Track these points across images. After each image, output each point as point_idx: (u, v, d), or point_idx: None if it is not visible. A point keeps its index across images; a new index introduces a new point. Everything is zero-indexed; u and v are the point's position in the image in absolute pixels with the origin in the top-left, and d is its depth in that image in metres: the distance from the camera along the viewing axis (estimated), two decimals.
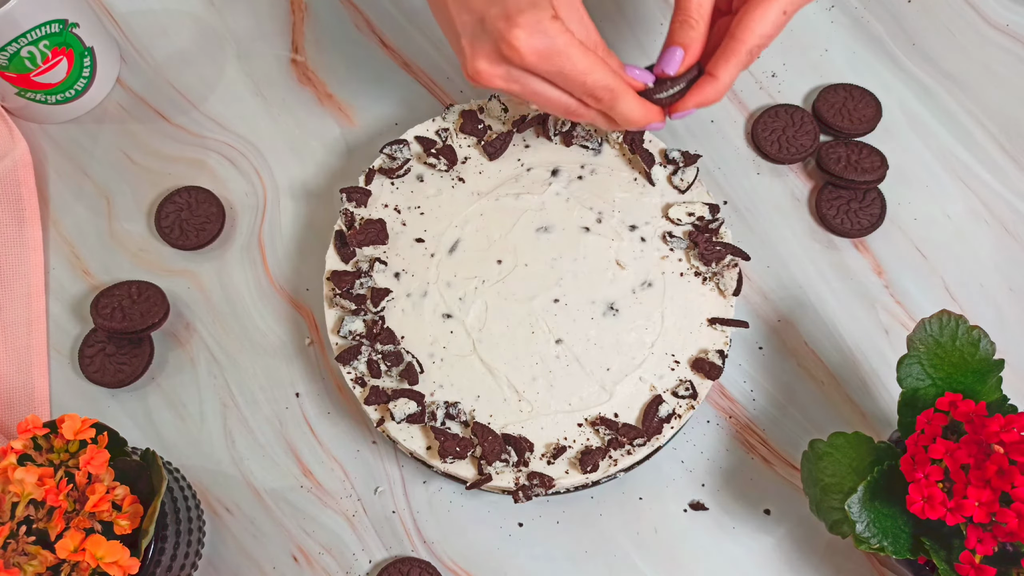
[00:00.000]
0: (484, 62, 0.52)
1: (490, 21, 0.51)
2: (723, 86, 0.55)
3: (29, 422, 0.50)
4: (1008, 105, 0.71)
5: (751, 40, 0.53)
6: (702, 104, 0.55)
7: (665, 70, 0.54)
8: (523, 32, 0.50)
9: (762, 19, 0.53)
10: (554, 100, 0.54)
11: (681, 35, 0.54)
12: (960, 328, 0.53)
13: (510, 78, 0.53)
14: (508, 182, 0.65)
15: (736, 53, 0.54)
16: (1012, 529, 0.46)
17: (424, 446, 0.58)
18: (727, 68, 0.54)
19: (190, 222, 0.68)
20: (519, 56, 0.51)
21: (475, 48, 0.52)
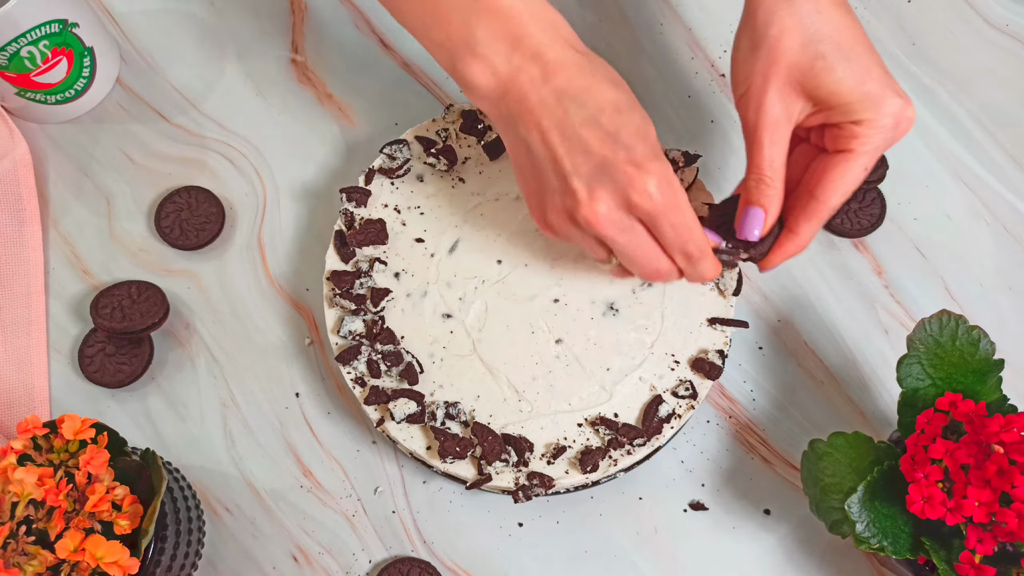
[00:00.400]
0: (605, 206, 0.50)
1: (618, 165, 0.49)
2: (805, 241, 0.54)
3: (29, 422, 0.50)
4: (1008, 105, 0.71)
5: (833, 200, 0.53)
6: (785, 259, 0.55)
7: (747, 236, 0.53)
8: (654, 180, 0.49)
9: (843, 177, 0.52)
10: (648, 256, 0.52)
11: (758, 195, 0.53)
12: (960, 328, 0.53)
13: (624, 226, 0.51)
14: (508, 182, 0.65)
15: (818, 213, 0.53)
16: (1012, 529, 0.46)
17: (424, 446, 0.58)
18: (809, 226, 0.54)
19: (190, 222, 0.68)
20: (650, 202, 0.49)
21: (594, 191, 0.50)
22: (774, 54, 0.52)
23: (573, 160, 0.50)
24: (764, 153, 0.53)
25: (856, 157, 0.52)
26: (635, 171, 0.49)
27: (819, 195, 0.53)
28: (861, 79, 0.52)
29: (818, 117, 0.53)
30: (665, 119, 0.71)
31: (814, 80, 0.52)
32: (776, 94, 0.52)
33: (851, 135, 0.52)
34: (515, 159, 0.54)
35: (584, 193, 0.50)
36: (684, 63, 0.73)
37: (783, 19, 0.52)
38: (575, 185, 0.50)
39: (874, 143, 0.52)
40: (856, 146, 0.52)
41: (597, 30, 0.74)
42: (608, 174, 0.50)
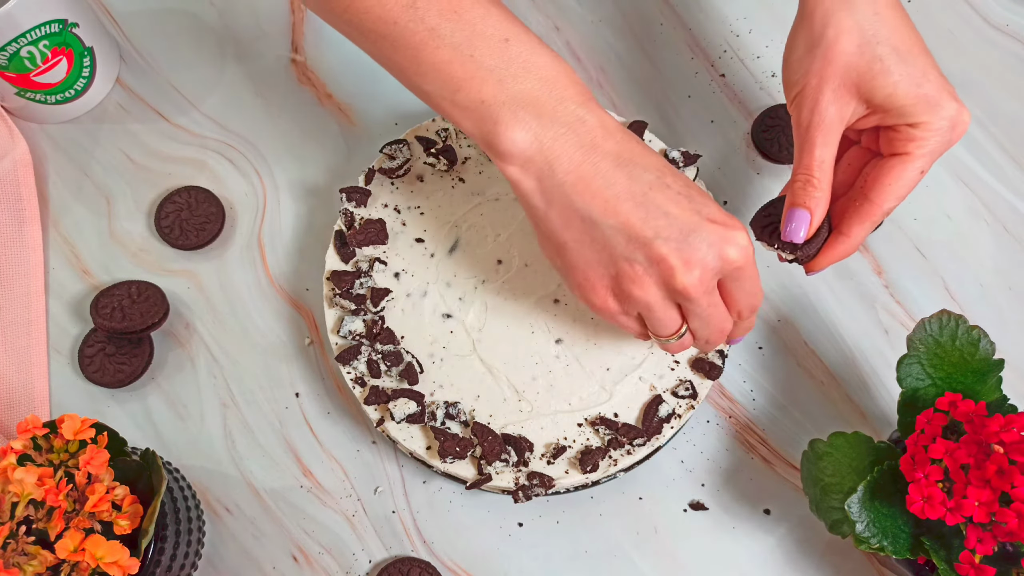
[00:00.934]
0: (700, 270, 0.48)
1: (705, 226, 0.48)
2: (856, 243, 0.54)
3: (29, 422, 0.50)
4: (1009, 105, 0.71)
5: (887, 203, 0.52)
6: (837, 260, 0.55)
7: (792, 237, 0.53)
8: (743, 234, 0.49)
9: (899, 180, 0.52)
10: (723, 317, 0.51)
11: (805, 197, 0.52)
12: (960, 328, 0.53)
13: (709, 289, 0.49)
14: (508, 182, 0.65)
15: (871, 215, 0.53)
16: (1012, 529, 0.46)
17: (424, 446, 0.58)
18: (861, 228, 0.53)
19: (190, 222, 0.68)
20: (744, 255, 0.49)
21: (687, 256, 0.48)
22: (831, 55, 0.52)
23: (654, 225, 0.48)
24: (815, 153, 0.52)
25: (913, 160, 0.52)
26: (724, 229, 0.48)
27: (874, 198, 0.52)
28: (918, 81, 0.51)
29: (871, 119, 0.53)
30: (665, 119, 0.71)
31: (871, 82, 0.51)
32: (831, 95, 0.52)
33: (908, 138, 0.52)
34: (562, 235, 0.50)
35: (677, 259, 0.48)
36: (684, 63, 0.73)
37: (841, 20, 0.52)
38: (663, 251, 0.48)
39: (931, 146, 0.52)
40: (913, 149, 0.52)
41: (597, 30, 0.74)
42: (697, 236, 0.48)
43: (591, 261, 0.50)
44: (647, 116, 0.71)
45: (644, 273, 0.49)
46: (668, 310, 0.50)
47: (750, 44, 0.73)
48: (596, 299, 0.51)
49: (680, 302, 0.50)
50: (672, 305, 0.50)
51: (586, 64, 0.73)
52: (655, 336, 0.53)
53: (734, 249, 0.48)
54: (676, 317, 0.51)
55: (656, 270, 0.48)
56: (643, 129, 0.65)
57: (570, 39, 0.74)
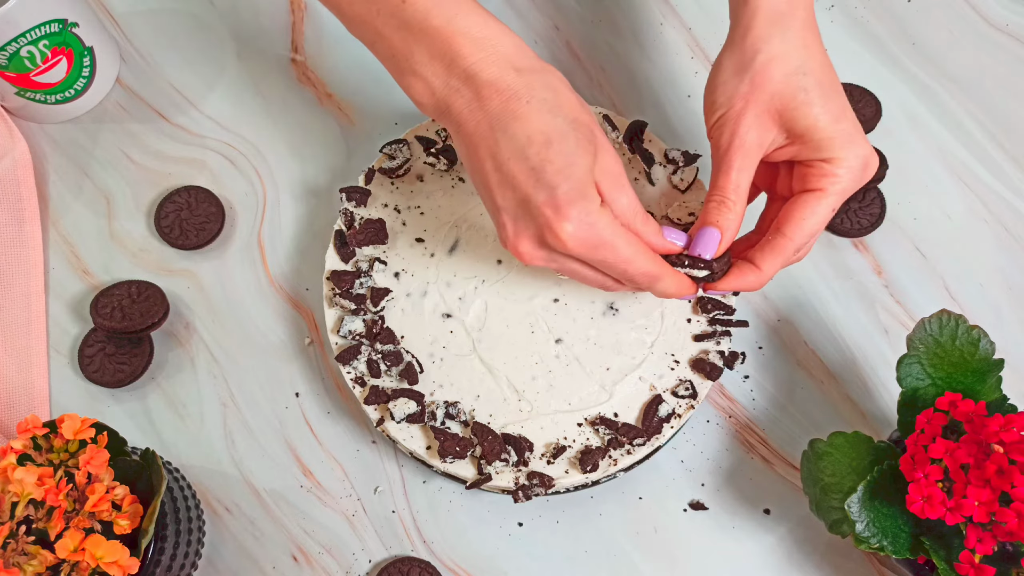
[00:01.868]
0: (527, 244, 0.51)
1: (536, 207, 0.49)
2: (766, 278, 0.54)
3: (29, 422, 0.50)
4: (1008, 105, 0.71)
5: (799, 238, 0.53)
6: (742, 289, 0.55)
7: (701, 253, 0.53)
8: (570, 225, 0.49)
9: (812, 216, 0.52)
10: (591, 279, 0.53)
11: (717, 216, 0.53)
12: (960, 328, 0.53)
13: (550, 259, 0.52)
14: None
15: (783, 250, 0.53)
16: (1012, 529, 0.46)
17: (424, 446, 0.58)
18: (773, 262, 0.54)
19: (190, 222, 0.68)
20: (563, 246, 0.50)
21: (518, 229, 0.51)
22: (758, 80, 0.52)
23: (502, 194, 0.50)
24: (732, 176, 0.53)
25: (826, 196, 0.53)
26: (552, 214, 0.49)
27: (786, 232, 0.53)
28: (837, 117, 0.52)
29: (788, 151, 0.54)
30: (665, 119, 0.71)
31: (793, 111, 0.52)
32: (754, 119, 0.53)
33: (822, 173, 0.53)
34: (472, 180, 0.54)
35: (511, 231, 0.51)
36: (684, 63, 0.73)
37: (773, 48, 0.52)
38: (504, 220, 0.51)
39: (843, 183, 0.53)
40: (826, 184, 0.52)
41: (597, 30, 0.74)
42: (528, 214, 0.50)
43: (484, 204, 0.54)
44: (647, 116, 0.71)
45: (499, 231, 0.53)
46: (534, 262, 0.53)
47: None
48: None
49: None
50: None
51: (586, 64, 0.73)
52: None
53: (552, 237, 0.49)
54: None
55: (502, 233, 0.52)
56: (643, 129, 0.65)
57: (570, 39, 0.74)
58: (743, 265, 0.54)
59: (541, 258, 0.52)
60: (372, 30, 0.53)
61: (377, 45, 0.53)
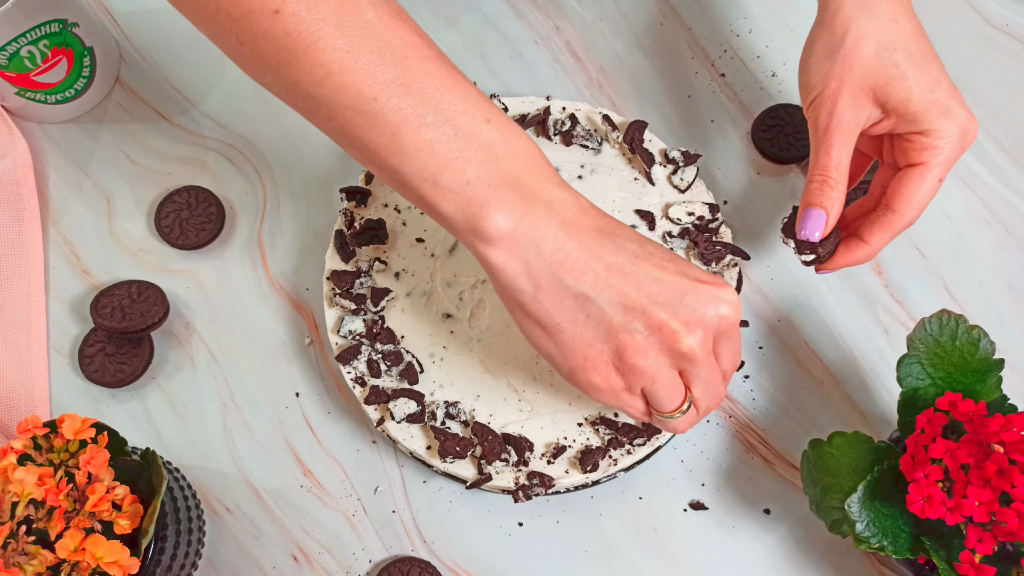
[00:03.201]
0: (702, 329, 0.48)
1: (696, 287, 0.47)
2: (874, 252, 0.55)
3: (29, 422, 0.50)
4: (1008, 105, 0.71)
5: (909, 214, 0.54)
6: (851, 264, 0.56)
7: (808, 235, 0.54)
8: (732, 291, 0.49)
9: (919, 190, 0.53)
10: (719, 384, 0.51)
11: (821, 196, 0.54)
12: (960, 328, 0.53)
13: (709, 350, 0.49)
14: None
15: (892, 225, 0.54)
16: (1012, 529, 0.46)
17: (424, 446, 0.58)
18: (882, 237, 0.54)
19: (190, 222, 0.68)
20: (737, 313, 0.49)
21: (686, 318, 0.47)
22: (851, 59, 0.53)
23: (648, 293, 0.47)
24: (832, 155, 0.53)
25: (929, 169, 0.53)
26: (714, 287, 0.48)
27: (896, 208, 0.54)
28: (931, 87, 0.53)
29: (884, 125, 0.54)
30: (665, 119, 0.71)
31: (886, 87, 0.53)
32: (849, 99, 0.53)
33: (922, 147, 0.53)
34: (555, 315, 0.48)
35: (677, 323, 0.47)
36: (684, 63, 0.73)
37: (861, 27, 0.53)
38: (662, 317, 0.47)
39: (945, 154, 0.53)
40: (928, 158, 0.53)
41: (597, 30, 0.74)
42: (693, 297, 0.47)
43: (589, 339, 0.48)
44: (647, 116, 0.71)
45: (646, 342, 0.47)
46: (673, 379, 0.49)
47: (750, 44, 0.73)
48: (598, 378, 0.49)
49: (684, 367, 0.49)
50: (676, 374, 0.49)
51: (586, 64, 0.73)
52: (659, 412, 0.51)
53: (727, 306, 0.48)
54: (681, 386, 0.50)
55: (657, 337, 0.47)
56: (643, 129, 0.65)
57: (570, 39, 0.74)
58: (851, 241, 0.55)
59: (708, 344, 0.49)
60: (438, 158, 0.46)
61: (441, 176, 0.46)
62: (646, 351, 0.48)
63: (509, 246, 0.46)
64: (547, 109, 0.66)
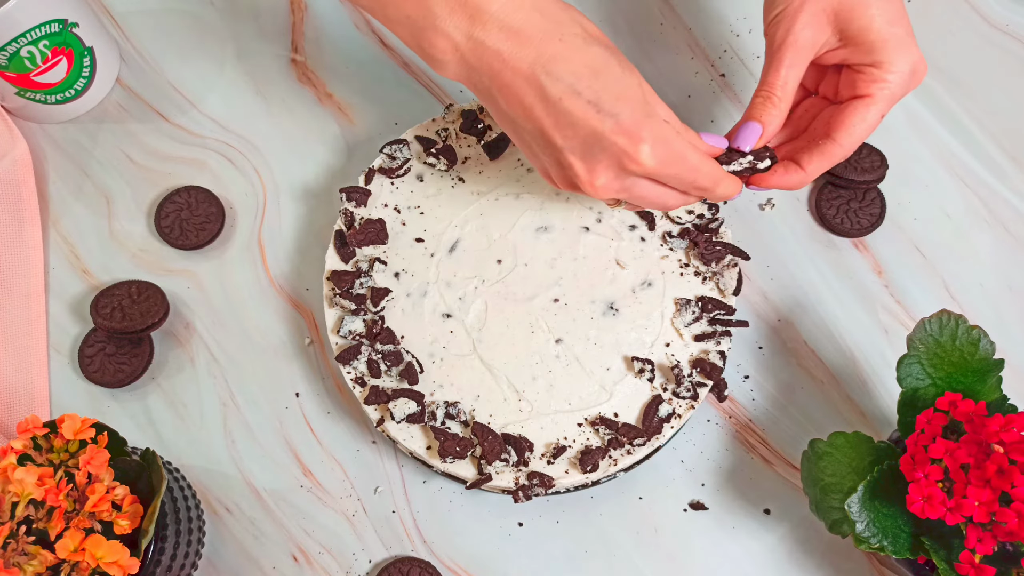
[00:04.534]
0: (605, 177, 0.51)
1: (606, 138, 0.50)
2: (809, 178, 0.56)
3: (29, 422, 0.50)
4: (1008, 105, 0.71)
5: (848, 144, 0.55)
6: (784, 187, 0.57)
7: (740, 145, 0.55)
8: (646, 146, 0.50)
9: (861, 122, 0.54)
10: (659, 199, 0.54)
11: (762, 111, 0.55)
12: (960, 328, 0.53)
13: (626, 186, 0.52)
14: (508, 182, 0.65)
15: (831, 154, 0.55)
16: (1012, 529, 0.46)
17: (424, 446, 0.58)
18: (819, 164, 0.55)
19: (190, 222, 0.68)
20: (644, 169, 0.50)
21: (590, 164, 0.51)
22: None
23: (563, 134, 0.50)
24: (780, 72, 0.54)
25: (875, 102, 0.54)
26: (627, 141, 0.50)
27: (836, 137, 0.54)
28: (892, 20, 0.53)
29: (839, 53, 0.55)
30: None
31: (850, 12, 0.53)
32: (809, 18, 0.54)
33: (871, 79, 0.54)
34: (505, 127, 0.54)
35: (581, 168, 0.51)
36: (684, 63, 0.73)
37: None
38: (570, 160, 0.51)
39: (892, 89, 0.54)
40: (875, 90, 0.54)
41: None
42: (600, 146, 0.50)
43: (530, 152, 0.54)
44: None
45: (560, 175, 0.53)
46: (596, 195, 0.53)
47: (750, 44, 0.73)
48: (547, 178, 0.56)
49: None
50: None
51: None
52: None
53: (632, 163, 0.50)
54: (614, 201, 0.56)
55: (567, 174, 0.52)
56: None
57: None
58: (789, 165, 0.56)
59: (616, 189, 0.52)
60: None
61: (389, 10, 0.52)
62: (560, 181, 0.54)
63: (455, 71, 0.52)
64: None
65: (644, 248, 0.63)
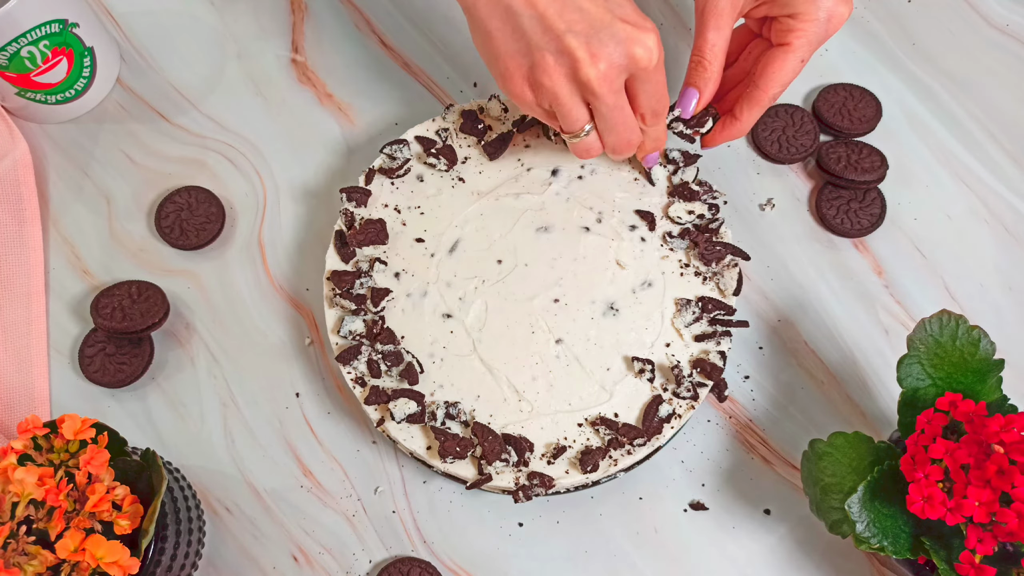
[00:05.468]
0: (606, 64, 0.52)
1: (615, 24, 0.51)
2: (746, 127, 0.61)
3: (29, 422, 0.50)
4: (1008, 105, 0.71)
5: (772, 89, 0.59)
6: (727, 140, 0.62)
7: (682, 114, 0.60)
8: (653, 36, 0.52)
9: (782, 69, 0.58)
10: (629, 122, 0.55)
11: (696, 77, 0.59)
12: (960, 328, 0.53)
13: (616, 87, 0.53)
14: (508, 182, 0.65)
15: (759, 101, 0.59)
16: (1012, 529, 0.46)
17: (424, 446, 0.58)
18: (750, 112, 0.60)
19: (190, 222, 0.68)
20: (650, 58, 0.52)
21: (595, 48, 0.51)
22: None
23: (567, 19, 0.51)
24: (708, 37, 0.58)
25: (793, 50, 0.58)
26: (634, 29, 0.51)
27: (761, 84, 0.59)
28: None
29: (761, 9, 0.59)
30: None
31: None
32: None
33: (788, 29, 0.58)
34: (487, 24, 0.54)
35: (584, 52, 0.51)
36: (684, 63, 0.73)
37: None
38: (571, 44, 0.51)
39: (808, 37, 0.58)
40: (792, 39, 0.57)
41: None
42: (609, 32, 0.51)
43: (511, 51, 0.53)
44: None
45: (555, 64, 0.52)
46: (576, 105, 0.54)
47: None
48: (514, 88, 0.54)
49: (587, 98, 0.53)
50: (580, 101, 0.54)
51: None
52: (563, 131, 0.56)
53: (641, 48, 0.52)
54: (583, 114, 0.55)
55: (565, 61, 0.52)
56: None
57: None
58: (726, 119, 0.61)
59: (613, 81, 0.52)
60: None
61: None
62: (552, 73, 0.52)
63: None
64: None
65: (644, 248, 0.63)
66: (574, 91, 0.53)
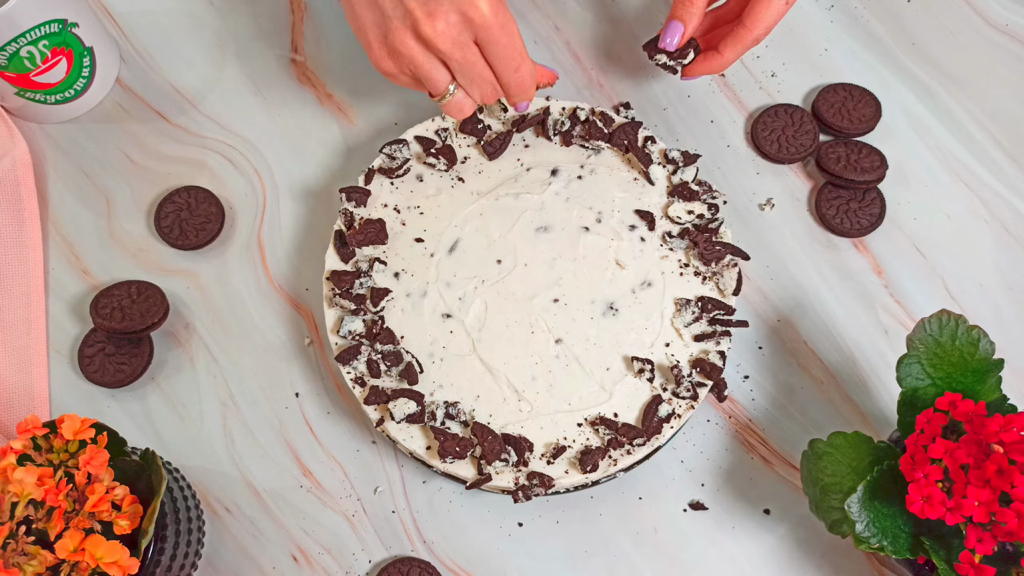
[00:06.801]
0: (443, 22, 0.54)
1: None
2: (727, 62, 0.63)
3: (29, 422, 0.50)
4: (1008, 105, 0.71)
5: (757, 29, 0.61)
6: (707, 72, 0.64)
7: (665, 46, 0.63)
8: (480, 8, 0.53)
9: (767, 10, 0.60)
10: (484, 75, 0.57)
11: (681, 11, 0.62)
12: (960, 328, 0.53)
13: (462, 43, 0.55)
14: (508, 182, 0.65)
15: (743, 39, 0.62)
16: (1012, 529, 0.46)
17: (424, 446, 0.58)
18: (734, 49, 0.62)
19: (190, 222, 0.68)
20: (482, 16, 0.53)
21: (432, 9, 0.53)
22: None
23: None
24: None
25: None
26: None
27: (747, 23, 0.61)
28: None
29: None
30: (665, 119, 0.71)
31: None
32: None
33: None
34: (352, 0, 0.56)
35: (421, 12, 0.53)
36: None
37: None
38: (411, 5, 0.54)
39: None
40: None
41: (597, 30, 0.74)
42: None
43: (370, 22, 0.56)
44: (647, 116, 0.71)
45: (400, 26, 0.55)
46: (434, 67, 0.56)
47: None
48: (377, 58, 0.57)
49: (440, 57, 0.55)
50: (438, 63, 0.56)
51: (586, 64, 0.73)
52: (433, 98, 0.58)
53: (473, 9, 0.53)
54: (443, 75, 0.57)
55: (408, 23, 0.54)
56: (637, 128, 0.65)
57: (570, 39, 0.74)
58: (708, 53, 0.63)
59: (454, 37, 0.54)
60: None
61: None
62: (401, 35, 0.55)
63: None
64: (547, 109, 0.66)
65: (644, 248, 0.63)
66: (426, 52, 0.55)
